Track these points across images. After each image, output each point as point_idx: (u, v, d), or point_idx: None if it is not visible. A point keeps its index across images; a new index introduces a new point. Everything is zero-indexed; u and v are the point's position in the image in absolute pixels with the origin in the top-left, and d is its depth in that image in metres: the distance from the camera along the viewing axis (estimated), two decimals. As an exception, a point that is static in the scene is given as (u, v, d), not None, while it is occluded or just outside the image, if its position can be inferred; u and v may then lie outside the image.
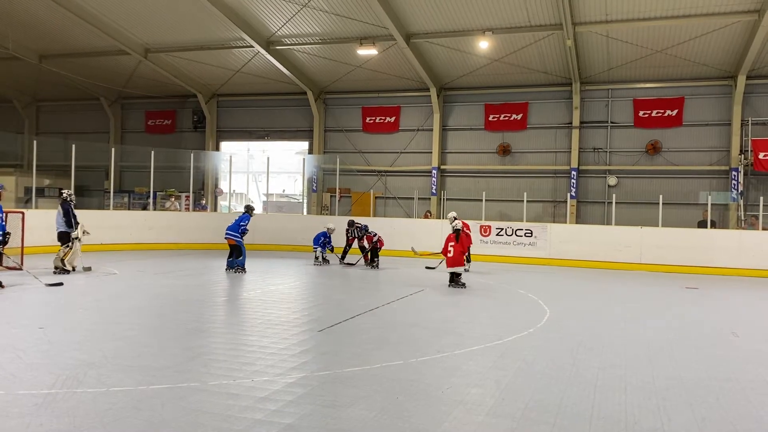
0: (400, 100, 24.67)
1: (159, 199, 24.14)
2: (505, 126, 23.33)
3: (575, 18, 18.51)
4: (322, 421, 4.83)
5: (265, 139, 26.77)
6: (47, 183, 24.73)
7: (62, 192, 14.25)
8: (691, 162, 21.19)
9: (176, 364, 6.25)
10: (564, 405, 5.40)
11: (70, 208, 13.64)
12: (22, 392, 5.28)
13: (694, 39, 18.91)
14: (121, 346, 7.00)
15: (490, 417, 5.07)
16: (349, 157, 24.86)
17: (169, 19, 21.51)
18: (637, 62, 20.48)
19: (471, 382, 6.05)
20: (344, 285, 13.61)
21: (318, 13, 20.00)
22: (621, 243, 18.18)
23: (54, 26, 22.50)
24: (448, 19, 19.50)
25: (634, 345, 7.93)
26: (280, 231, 21.01)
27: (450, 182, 24.13)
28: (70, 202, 13.72)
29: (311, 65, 23.75)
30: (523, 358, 7.03)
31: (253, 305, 10.06)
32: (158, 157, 20.93)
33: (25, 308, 9.41)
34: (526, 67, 21.55)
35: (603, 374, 6.42)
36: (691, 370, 6.77)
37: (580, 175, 22.28)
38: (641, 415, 5.22)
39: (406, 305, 10.58)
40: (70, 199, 13.79)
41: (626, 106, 22.03)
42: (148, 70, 25.05)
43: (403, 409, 5.16)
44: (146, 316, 9.07)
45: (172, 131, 28.30)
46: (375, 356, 6.87)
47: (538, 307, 10.63)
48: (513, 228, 19.33)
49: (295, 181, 28.73)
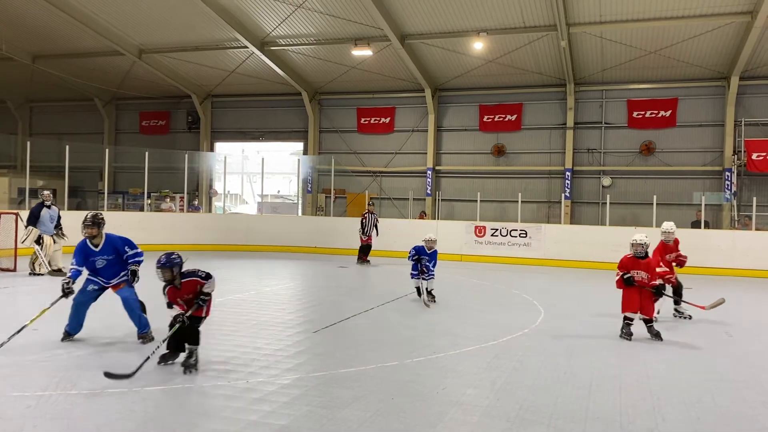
0: (395, 101, 24.68)
1: (153, 200, 24.06)
2: (499, 127, 23.36)
3: (569, 19, 18.55)
4: (318, 422, 4.82)
5: (259, 139, 26.74)
6: (41, 184, 24.62)
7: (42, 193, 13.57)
8: (685, 162, 21.27)
9: (169, 366, 6.22)
10: (559, 405, 5.41)
11: (38, 210, 12.97)
12: (15, 394, 5.26)
13: (688, 40, 18.99)
14: (113, 349, 6.98)
15: (486, 417, 5.08)
16: (344, 158, 24.86)
17: (163, 19, 21.45)
18: (631, 63, 20.55)
19: (466, 382, 6.05)
20: (339, 286, 13.59)
21: (313, 13, 19.98)
22: (615, 243, 18.18)
23: (47, 26, 22.40)
24: (442, 20, 19.52)
25: (628, 345, 7.95)
26: (275, 232, 20.98)
27: (445, 183, 24.15)
28: (42, 203, 13.08)
29: (306, 66, 23.74)
30: (518, 358, 7.03)
31: (247, 306, 10.03)
32: (152, 158, 20.86)
33: (17, 310, 9.36)
34: (520, 68, 21.60)
35: (597, 374, 6.44)
36: (686, 370, 6.79)
37: (575, 175, 22.33)
38: (636, 415, 5.23)
39: (401, 306, 10.58)
40: (42, 199, 13.16)
41: (620, 107, 22.10)
42: (143, 71, 24.98)
43: (398, 409, 5.16)
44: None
45: (166, 132, 28.22)
46: (370, 357, 6.87)
47: (532, 308, 10.64)
48: (508, 228, 19.35)
49: (290, 182, 28.69)
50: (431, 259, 10.73)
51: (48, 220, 13.04)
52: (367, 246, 17.77)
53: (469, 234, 19.41)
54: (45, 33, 22.95)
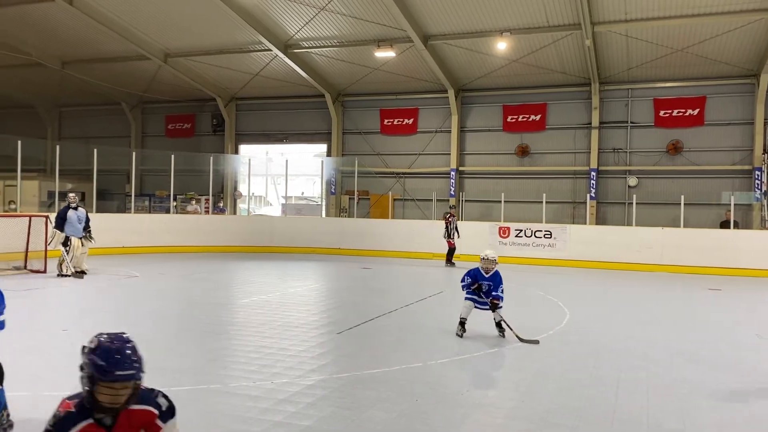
0: (418, 102, 24.65)
1: (179, 202, 24.35)
2: (523, 127, 23.21)
3: (594, 17, 18.37)
4: (342, 423, 4.84)
5: (283, 141, 26.91)
6: (70, 187, 25.08)
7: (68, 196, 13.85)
8: (713, 162, 20.90)
9: (196, 367, 6.30)
10: (584, 407, 5.36)
11: (65, 212, 13.25)
12: (46, 393, 5.35)
13: (716, 37, 18.67)
14: (141, 349, 7.07)
15: (509, 420, 5.05)
16: (367, 159, 24.88)
17: (188, 23, 21.73)
18: (657, 61, 20.26)
19: (490, 384, 6.03)
20: (363, 287, 13.62)
21: (335, 15, 20.06)
22: (642, 244, 17.98)
23: (76, 33, 22.82)
24: (465, 20, 19.46)
25: (655, 347, 7.83)
26: (299, 233, 21.09)
27: (468, 184, 24.05)
28: (68, 206, 13.39)
29: (329, 68, 23.83)
30: (543, 360, 6.98)
31: (271, 308, 10.10)
32: (178, 161, 21.11)
33: (48, 310, 9.55)
34: (544, 67, 21.43)
35: (623, 377, 6.35)
36: (715, 372, 6.67)
37: (600, 175, 22.09)
38: (663, 417, 5.16)
39: (424, 307, 10.57)
40: (68, 202, 13.46)
41: (646, 106, 21.80)
42: (168, 75, 25.32)
43: (421, 411, 5.16)
44: (166, 318, 9.16)
45: (191, 135, 28.54)
46: (394, 358, 6.87)
47: (557, 309, 10.55)
48: (532, 229, 19.21)
49: (313, 183, 28.84)
50: (494, 284, 8.05)
51: (75, 221, 13.28)
52: (452, 249, 17.75)
53: (493, 235, 19.30)
54: (73, 39, 23.39)
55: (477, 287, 8.02)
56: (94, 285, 12.13)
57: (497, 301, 7.91)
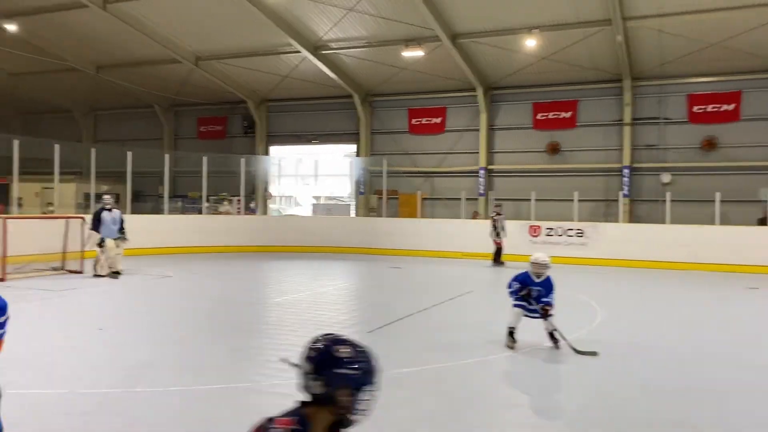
0: (446, 100, 24.56)
1: (211, 203, 24.66)
2: (553, 124, 22.96)
3: (625, 12, 18.07)
4: (372, 422, 4.82)
5: (312, 142, 27.07)
6: (105, 189, 25.58)
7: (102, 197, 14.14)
8: (750, 158, 20.40)
9: (229, 365, 6.37)
10: (618, 408, 5.28)
11: (99, 213, 13.55)
12: (83, 391, 5.47)
13: (751, 30, 18.20)
14: (175, 347, 7.18)
15: (542, 419, 5.00)
16: (396, 159, 24.86)
17: (219, 26, 21.99)
18: (691, 56, 19.84)
19: (522, 384, 5.98)
20: (392, 287, 13.62)
21: (364, 16, 20.11)
22: (676, 242, 17.64)
23: (109, 37, 23.28)
24: (493, 18, 19.32)
25: (691, 347, 7.68)
26: (329, 233, 21.19)
27: (498, 182, 23.88)
28: (103, 207, 13.67)
29: (357, 68, 23.90)
30: (576, 360, 6.89)
31: (303, 307, 10.17)
32: (210, 163, 21.39)
33: (84, 310, 9.76)
34: (574, 64, 21.16)
35: (658, 376, 6.24)
36: (753, 372, 6.52)
37: (633, 172, 21.74)
38: (701, 418, 5.06)
39: (455, 307, 10.53)
40: (102, 204, 13.76)
41: (680, 102, 21.38)
42: (200, 78, 25.66)
43: (453, 411, 5.14)
44: (200, 317, 9.28)
45: (223, 137, 28.89)
46: (425, 358, 6.86)
47: (589, 309, 10.41)
48: (564, 228, 18.99)
49: (342, 183, 28.94)
50: (545, 290, 7.48)
51: (110, 222, 13.53)
52: (500, 248, 17.61)
53: (524, 234, 19.12)
54: (107, 44, 23.87)
55: (526, 293, 7.38)
56: (128, 285, 12.36)
57: (549, 307, 7.26)
